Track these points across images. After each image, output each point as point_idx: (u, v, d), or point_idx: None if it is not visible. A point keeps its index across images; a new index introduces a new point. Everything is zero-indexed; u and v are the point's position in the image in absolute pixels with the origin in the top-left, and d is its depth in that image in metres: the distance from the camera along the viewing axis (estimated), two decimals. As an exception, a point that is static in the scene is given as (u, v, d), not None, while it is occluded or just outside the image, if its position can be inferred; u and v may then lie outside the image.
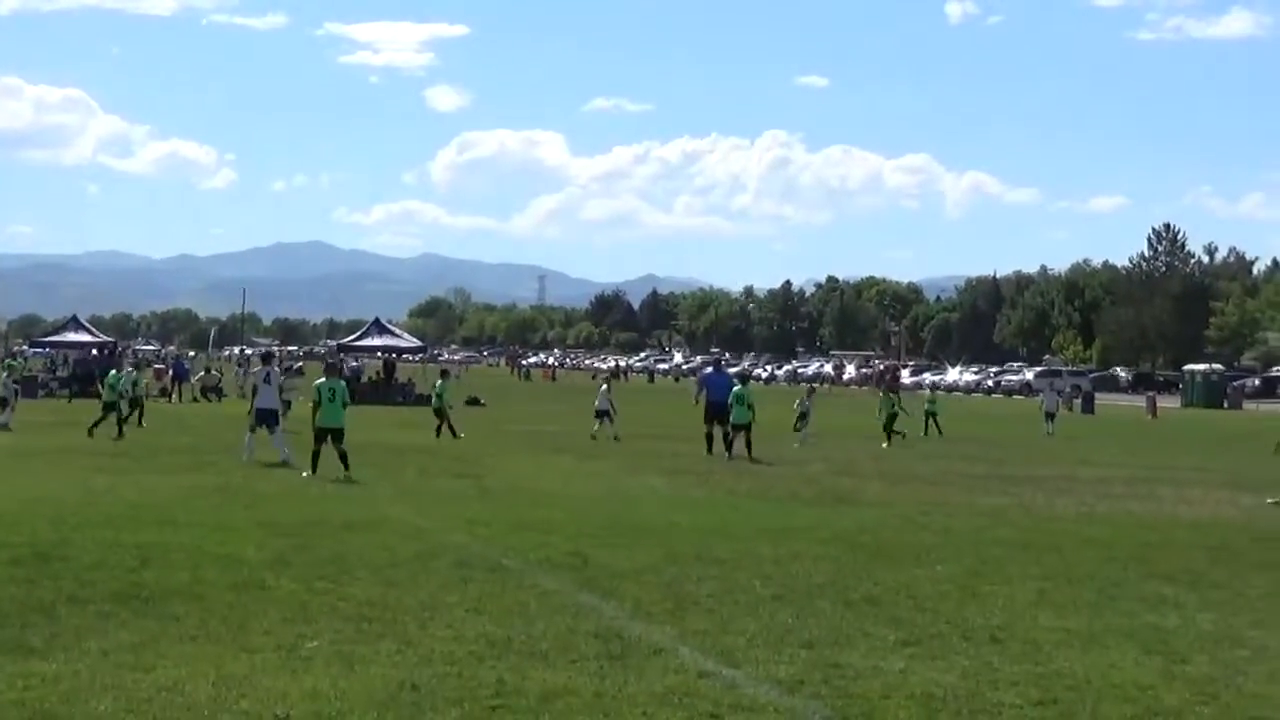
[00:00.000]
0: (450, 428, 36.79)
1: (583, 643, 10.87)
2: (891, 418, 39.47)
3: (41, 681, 9.36)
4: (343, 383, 26.75)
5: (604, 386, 39.33)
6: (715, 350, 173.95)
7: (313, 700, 9.06)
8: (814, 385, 54.93)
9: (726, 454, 31.20)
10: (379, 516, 18.77)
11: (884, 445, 37.34)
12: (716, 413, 32.50)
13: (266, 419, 28.06)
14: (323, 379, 26.56)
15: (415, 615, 11.81)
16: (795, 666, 10.29)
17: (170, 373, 65.14)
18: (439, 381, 38.80)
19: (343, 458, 24.62)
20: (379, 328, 69.87)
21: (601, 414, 37.66)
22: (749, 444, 30.87)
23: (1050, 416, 47.43)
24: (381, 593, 12.83)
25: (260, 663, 10.00)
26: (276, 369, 30.73)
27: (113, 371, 37.51)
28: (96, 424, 34.69)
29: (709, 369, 39.38)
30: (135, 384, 37.48)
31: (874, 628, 11.77)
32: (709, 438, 32.35)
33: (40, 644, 10.46)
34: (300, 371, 46.13)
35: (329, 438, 25.01)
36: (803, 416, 39.34)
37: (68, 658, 10.03)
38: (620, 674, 9.88)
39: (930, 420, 44.10)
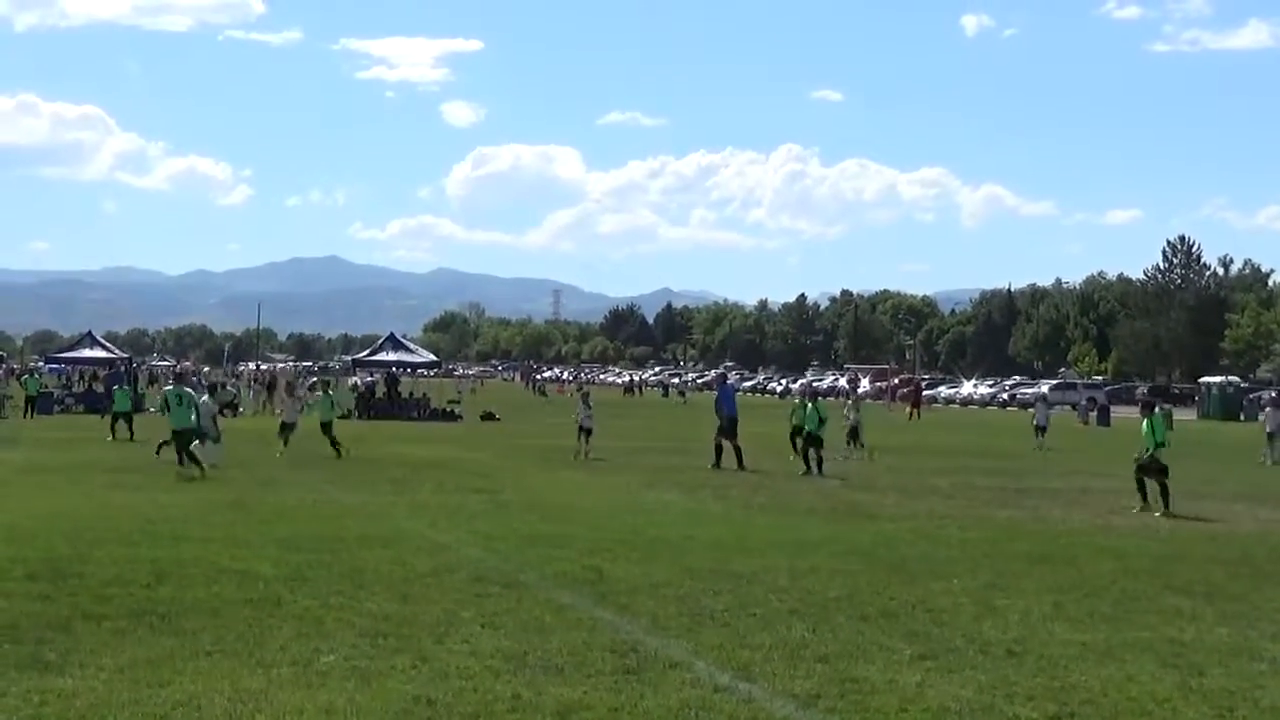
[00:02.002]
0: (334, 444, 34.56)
1: (599, 657, 10.87)
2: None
3: (58, 697, 9.38)
4: (189, 390, 29.97)
5: (586, 405, 37.13)
6: (729, 364, 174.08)
7: (328, 716, 9.07)
8: (858, 394, 54.50)
9: (713, 464, 32.15)
10: (395, 531, 18.79)
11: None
12: (727, 426, 32.90)
13: (198, 435, 30.28)
14: (170, 386, 30.28)
15: (431, 630, 11.81)
16: (811, 680, 10.28)
17: None
18: (319, 394, 37.93)
19: (180, 455, 27.77)
20: (393, 343, 69.99)
21: (585, 430, 36.09)
22: (820, 459, 31.47)
23: (1041, 430, 46.93)
24: (397, 608, 12.84)
25: (276, 678, 10.02)
26: (209, 399, 34.11)
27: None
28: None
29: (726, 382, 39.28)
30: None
31: (890, 641, 11.75)
32: (718, 449, 32.80)
33: (56, 660, 10.48)
34: (316, 387, 46.20)
35: (181, 438, 28.01)
36: (853, 431, 39.39)
37: (84, 674, 10.05)
38: (636, 688, 9.88)
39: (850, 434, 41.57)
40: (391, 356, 67.68)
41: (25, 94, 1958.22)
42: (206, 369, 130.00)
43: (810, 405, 32.61)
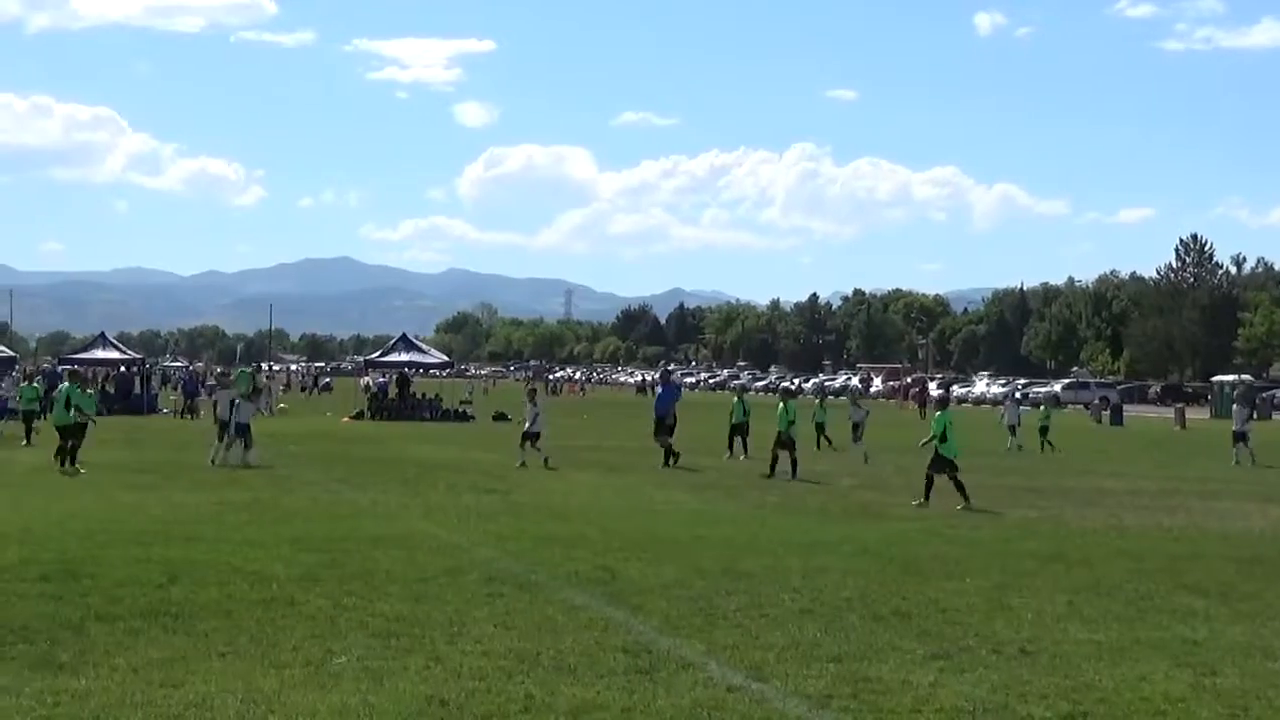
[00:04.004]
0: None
1: (611, 657, 10.87)
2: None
3: (71, 698, 9.39)
4: (75, 388, 30.22)
5: (534, 404, 34.08)
6: (737, 364, 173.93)
7: (341, 716, 9.08)
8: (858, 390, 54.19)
9: (666, 464, 32.41)
10: (407, 532, 18.81)
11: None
12: (660, 424, 33.54)
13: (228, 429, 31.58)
14: (65, 383, 31.16)
15: (444, 630, 11.82)
16: (824, 680, 10.27)
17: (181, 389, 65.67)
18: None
19: (71, 451, 28.59)
20: (406, 343, 70.03)
21: (530, 436, 33.04)
22: (794, 460, 30.27)
23: (1013, 430, 46.45)
24: (410, 608, 12.85)
25: (289, 678, 10.03)
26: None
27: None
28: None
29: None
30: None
31: (903, 641, 11.74)
32: (666, 451, 33.06)
33: (69, 660, 10.50)
34: (328, 388, 46.37)
35: (64, 434, 28.96)
36: (856, 427, 39.63)
37: (97, 674, 10.07)
38: (649, 688, 9.88)
39: (820, 432, 40.82)
40: (404, 357, 67.73)
41: (38, 96, 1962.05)
42: (219, 369, 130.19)
43: (781, 405, 31.46)
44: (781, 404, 31.49)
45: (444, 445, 40.01)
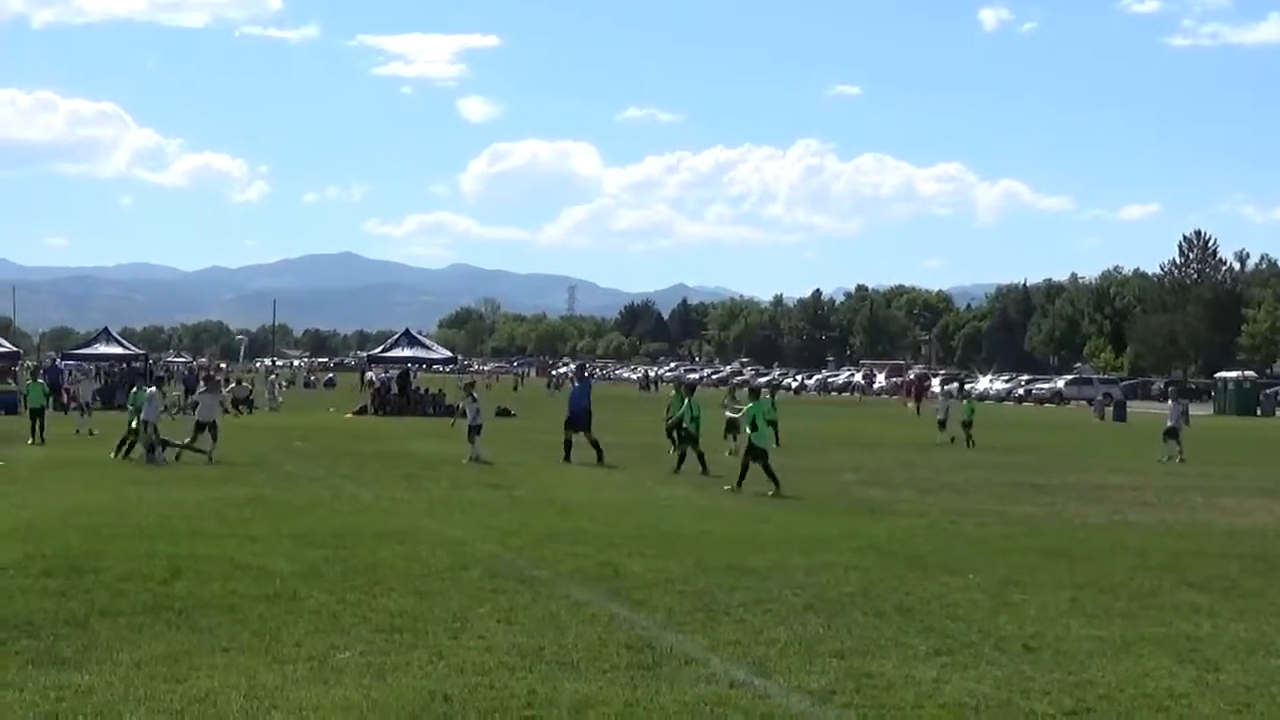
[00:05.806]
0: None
1: (614, 653, 10.87)
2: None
3: (74, 693, 9.40)
4: None
5: (473, 399, 34.18)
6: (740, 359, 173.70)
7: (344, 711, 9.08)
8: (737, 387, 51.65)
9: (564, 458, 32.14)
10: (410, 528, 18.81)
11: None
12: (574, 421, 33.41)
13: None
14: None
15: (447, 626, 11.83)
16: (827, 676, 10.27)
17: (184, 386, 65.69)
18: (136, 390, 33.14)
19: None
20: (409, 339, 70.03)
21: (475, 429, 33.13)
22: (701, 455, 29.65)
23: (942, 424, 46.22)
24: (413, 604, 12.86)
25: (292, 674, 10.03)
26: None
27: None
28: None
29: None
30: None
31: (906, 637, 11.75)
32: (566, 444, 32.84)
33: (73, 655, 10.51)
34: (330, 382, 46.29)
35: None
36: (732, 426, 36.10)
37: (100, 669, 10.08)
38: (652, 684, 9.88)
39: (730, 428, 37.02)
40: (407, 353, 67.69)
41: (43, 91, 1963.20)
42: (223, 365, 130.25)
43: (686, 400, 30.77)
44: (687, 400, 30.95)
45: (447, 441, 39.95)
